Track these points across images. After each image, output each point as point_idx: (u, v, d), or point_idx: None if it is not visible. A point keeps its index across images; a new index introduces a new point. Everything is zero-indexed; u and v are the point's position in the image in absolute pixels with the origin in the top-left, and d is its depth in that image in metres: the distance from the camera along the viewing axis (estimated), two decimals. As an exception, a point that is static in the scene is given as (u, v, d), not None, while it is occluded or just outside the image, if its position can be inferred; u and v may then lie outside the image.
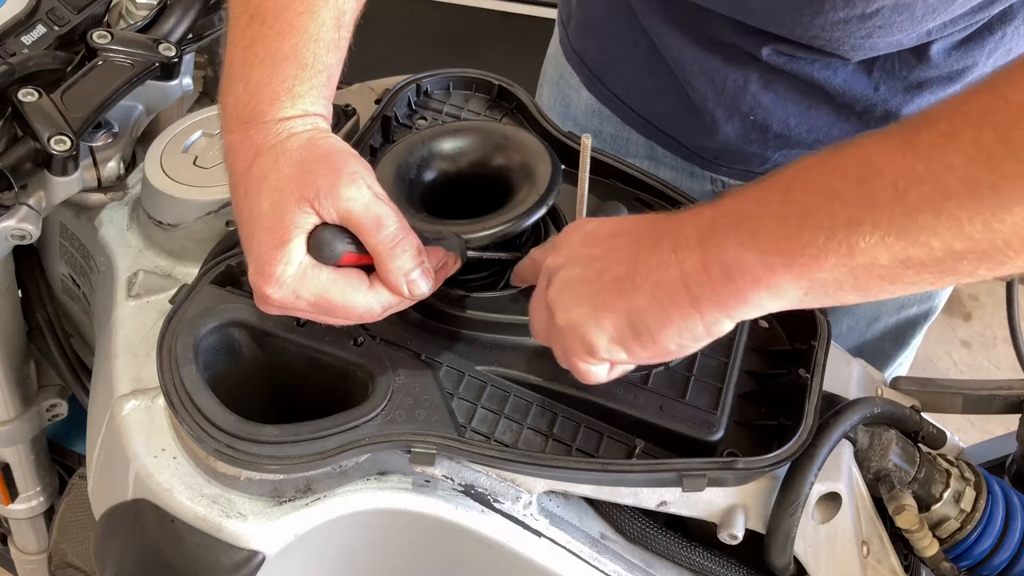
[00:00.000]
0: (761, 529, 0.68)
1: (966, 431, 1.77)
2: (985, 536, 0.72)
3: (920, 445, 0.76)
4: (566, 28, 1.06)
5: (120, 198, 0.85)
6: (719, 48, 0.87)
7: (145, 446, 0.67)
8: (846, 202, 0.46)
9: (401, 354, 0.68)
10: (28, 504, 1.05)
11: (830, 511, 0.70)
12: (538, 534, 0.67)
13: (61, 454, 1.07)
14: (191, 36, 0.86)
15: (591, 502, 0.71)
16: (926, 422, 0.77)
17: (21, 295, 0.92)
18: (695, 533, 0.72)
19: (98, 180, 0.84)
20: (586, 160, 0.69)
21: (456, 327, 0.70)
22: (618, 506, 0.70)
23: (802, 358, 0.71)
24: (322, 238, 0.59)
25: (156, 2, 0.86)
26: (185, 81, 0.86)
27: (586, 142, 0.68)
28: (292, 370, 0.69)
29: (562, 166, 0.75)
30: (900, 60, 0.83)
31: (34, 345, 0.95)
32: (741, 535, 0.67)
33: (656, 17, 0.90)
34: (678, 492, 0.67)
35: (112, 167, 0.84)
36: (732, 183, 1.00)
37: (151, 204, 0.80)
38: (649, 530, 0.71)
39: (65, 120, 0.73)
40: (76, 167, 0.75)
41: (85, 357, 0.94)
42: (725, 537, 0.67)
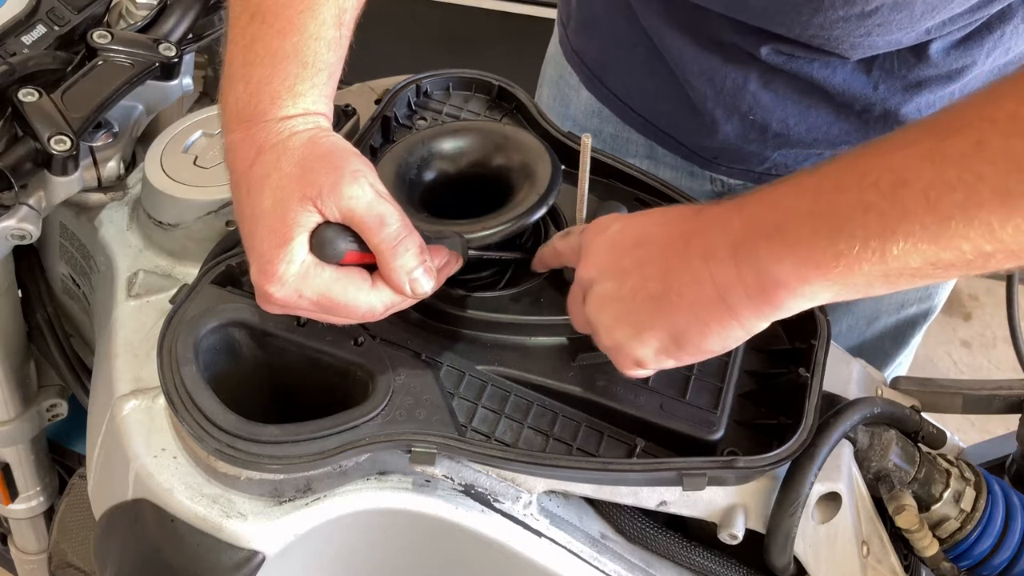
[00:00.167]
0: (761, 529, 0.68)
1: (966, 431, 1.77)
2: (985, 536, 0.72)
3: (920, 445, 0.76)
4: (566, 28, 1.06)
5: (120, 198, 0.85)
6: (718, 48, 0.87)
7: (145, 446, 0.67)
8: (879, 212, 0.47)
9: (401, 354, 0.68)
10: (28, 504, 1.05)
11: (830, 511, 0.70)
12: (538, 534, 0.67)
13: (61, 454, 1.07)
14: (191, 36, 0.86)
15: (591, 502, 0.71)
16: (926, 422, 0.77)
17: (21, 295, 0.92)
18: (695, 533, 0.72)
19: (98, 180, 0.84)
20: (586, 160, 0.69)
21: (457, 327, 0.70)
22: (618, 506, 0.70)
23: (802, 358, 0.71)
24: (324, 237, 0.59)
25: (156, 2, 0.86)
26: (185, 81, 0.86)
27: (586, 142, 0.68)
28: (292, 370, 0.69)
29: (562, 166, 0.75)
30: (899, 59, 0.83)
31: (34, 345, 0.95)
32: (741, 535, 0.67)
33: (656, 17, 0.90)
34: (678, 492, 0.67)
35: (112, 167, 0.84)
36: (731, 182, 1.00)
37: (151, 204, 0.79)
38: (649, 530, 0.71)
39: (65, 120, 0.73)
40: (76, 167, 0.75)
41: (85, 357, 0.94)
42: (725, 537, 0.67)
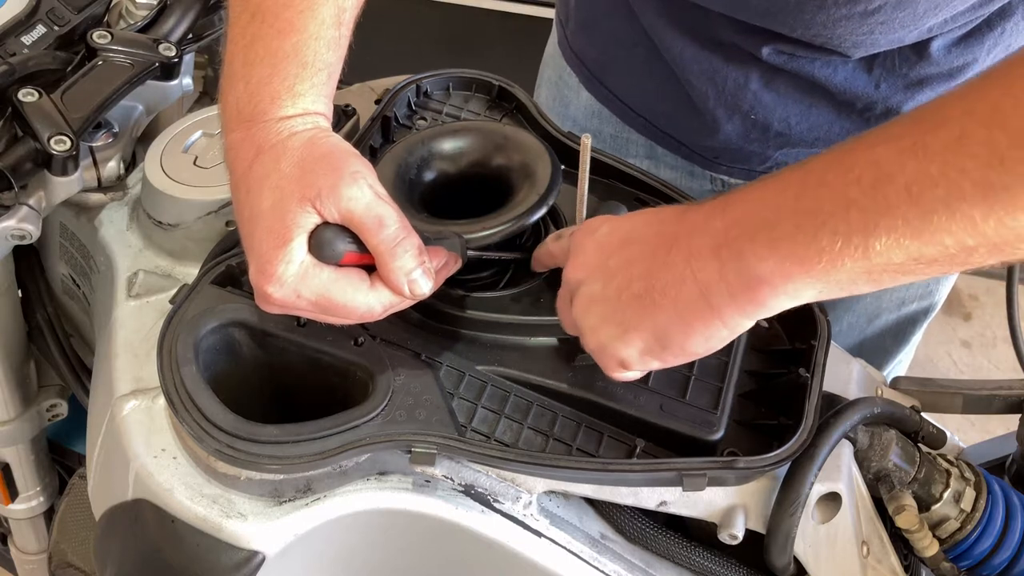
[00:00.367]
0: (761, 529, 0.68)
1: (966, 431, 1.77)
2: (985, 536, 0.72)
3: (920, 445, 0.76)
4: (564, 29, 1.06)
5: (120, 198, 0.85)
6: (719, 48, 0.87)
7: (145, 446, 0.67)
8: (861, 208, 0.47)
9: (401, 354, 0.68)
10: (28, 504, 1.05)
11: (830, 511, 0.70)
12: (538, 534, 0.67)
13: (61, 454, 1.07)
14: (191, 36, 0.86)
15: (591, 502, 0.71)
16: (926, 422, 0.77)
17: (21, 295, 0.92)
18: (695, 533, 0.72)
19: (98, 180, 0.84)
20: (586, 160, 0.69)
21: (456, 327, 0.70)
22: (618, 506, 0.70)
23: (802, 358, 0.71)
24: (323, 237, 0.59)
25: (156, 2, 0.86)
26: (185, 81, 0.86)
27: (586, 142, 0.68)
28: (292, 370, 0.69)
29: (562, 166, 0.75)
30: (900, 57, 0.83)
31: (34, 345, 0.95)
32: (741, 535, 0.67)
33: (656, 17, 0.90)
34: (678, 492, 0.67)
35: (112, 167, 0.84)
36: (732, 182, 1.00)
37: (151, 204, 0.79)
38: (649, 530, 0.71)
39: (65, 120, 0.73)
40: (76, 167, 0.75)
41: (85, 357, 0.94)
42: (725, 537, 0.67)
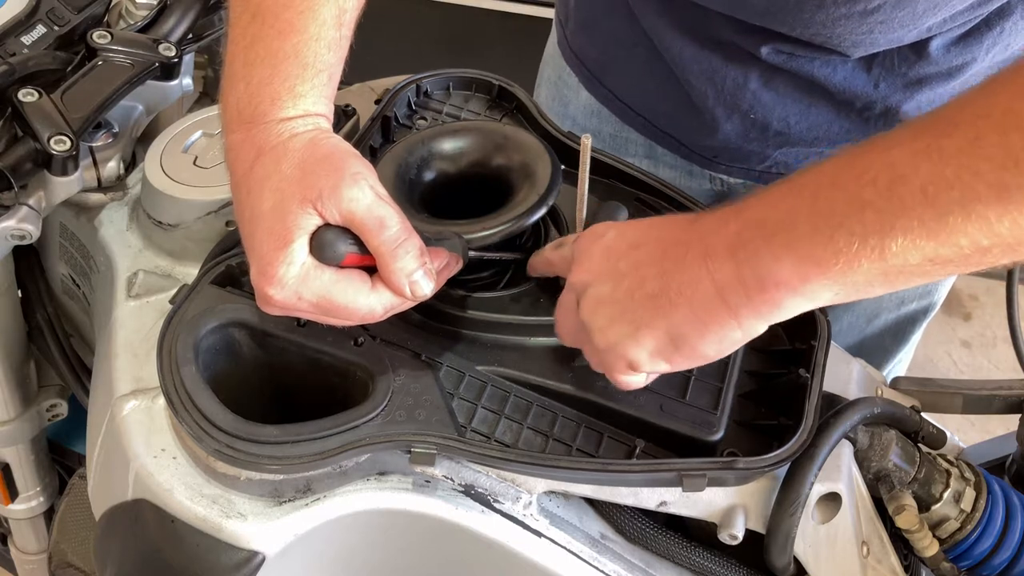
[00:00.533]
0: (761, 529, 0.68)
1: (966, 431, 1.77)
2: (985, 536, 0.72)
3: (920, 445, 0.76)
4: (564, 28, 1.06)
5: (120, 198, 0.85)
6: (719, 47, 0.87)
7: (145, 446, 0.67)
8: (877, 209, 0.47)
9: (401, 354, 0.68)
10: (28, 504, 1.05)
11: (830, 511, 0.70)
12: (538, 534, 0.67)
13: (61, 454, 1.07)
14: (191, 36, 0.86)
15: (591, 502, 0.71)
16: (926, 422, 0.77)
17: (21, 295, 0.92)
18: (695, 533, 0.72)
19: (98, 180, 0.84)
20: (586, 160, 0.69)
21: (456, 327, 0.70)
22: (618, 506, 0.70)
23: (802, 358, 0.71)
24: (324, 239, 0.59)
25: (156, 2, 0.86)
26: (185, 81, 0.86)
27: (586, 142, 0.68)
28: (292, 370, 0.69)
29: (562, 166, 0.75)
30: (899, 56, 0.84)
31: (34, 345, 0.95)
32: (741, 535, 0.67)
33: (655, 17, 0.90)
34: (678, 492, 0.67)
35: (112, 167, 0.84)
36: (731, 181, 1.00)
37: (151, 204, 0.79)
38: (649, 530, 0.71)
39: (65, 120, 0.73)
40: (76, 167, 0.75)
41: (85, 357, 0.94)
42: (725, 537, 0.67)
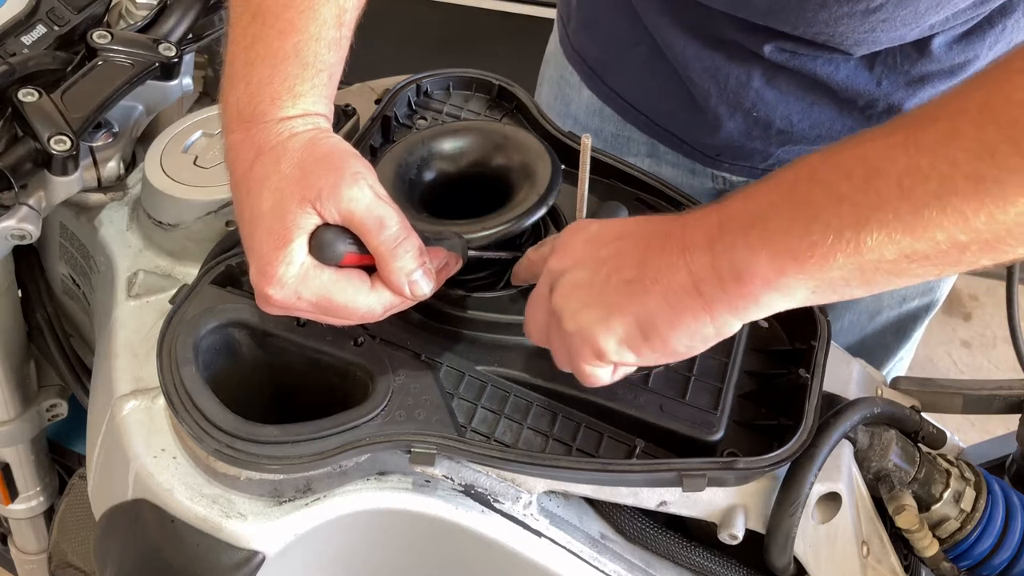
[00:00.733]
0: (761, 529, 0.68)
1: (966, 431, 1.77)
2: (985, 536, 0.72)
3: (920, 445, 0.76)
4: (566, 27, 1.06)
5: (120, 198, 0.85)
6: (721, 46, 0.87)
7: (145, 446, 0.67)
8: (853, 202, 0.47)
9: (401, 354, 0.68)
10: (28, 504, 1.05)
11: (830, 511, 0.70)
12: (538, 534, 0.67)
13: (61, 454, 1.07)
14: (191, 36, 0.86)
15: (591, 502, 0.71)
16: (926, 422, 0.77)
17: (21, 295, 0.92)
18: (695, 533, 0.72)
19: (98, 180, 0.84)
20: (586, 160, 0.69)
21: (456, 327, 0.70)
22: (618, 506, 0.70)
23: (802, 358, 0.71)
24: (324, 239, 0.59)
25: (156, 2, 0.86)
26: (185, 81, 0.86)
27: (586, 142, 0.68)
28: (292, 370, 0.69)
29: (562, 166, 0.75)
30: (902, 54, 0.84)
31: (34, 345, 0.95)
32: (741, 535, 0.67)
33: (658, 16, 0.90)
34: (678, 492, 0.67)
35: (112, 167, 0.84)
36: (734, 180, 1.00)
37: (151, 204, 0.79)
38: (649, 530, 0.71)
39: (65, 120, 0.73)
40: (76, 167, 0.75)
41: (85, 357, 0.94)
42: (725, 537, 0.67)
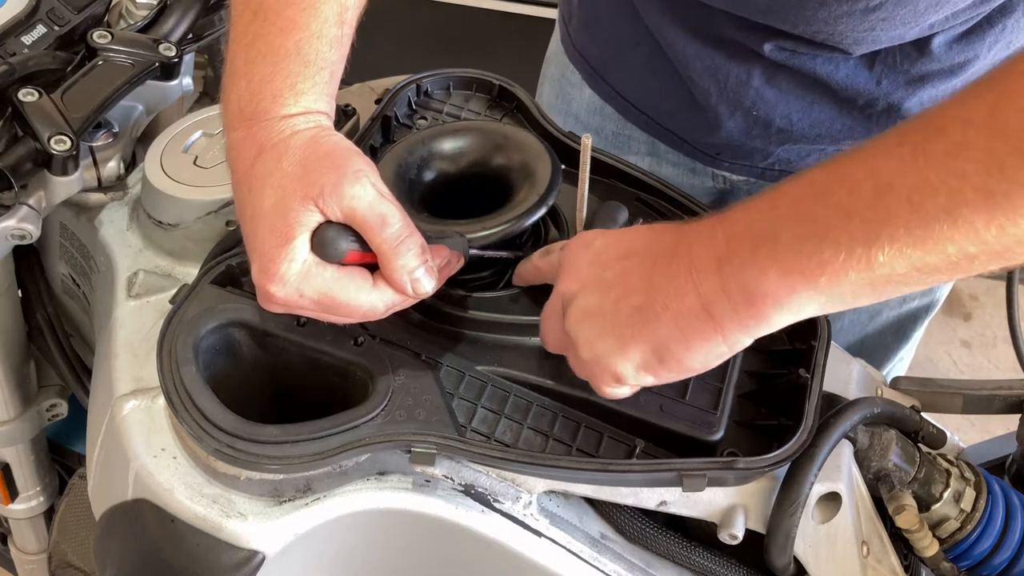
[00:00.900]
0: (761, 529, 0.68)
1: (966, 431, 1.77)
2: (985, 536, 0.72)
3: (920, 445, 0.76)
4: (567, 26, 1.06)
5: (120, 198, 0.85)
6: (722, 45, 0.87)
7: (145, 446, 0.67)
8: (863, 219, 0.47)
9: (401, 354, 0.68)
10: (28, 504, 1.05)
11: (830, 511, 0.70)
12: (538, 534, 0.67)
13: (61, 454, 1.07)
14: (191, 36, 0.86)
15: (591, 502, 0.71)
16: (926, 422, 0.77)
17: (21, 295, 0.91)
18: (695, 533, 0.72)
19: (98, 180, 0.84)
20: (586, 160, 0.69)
21: (457, 327, 0.70)
22: (618, 506, 0.70)
23: (802, 358, 0.71)
24: (326, 236, 0.59)
25: (156, 2, 0.86)
26: (185, 81, 0.86)
27: (586, 142, 0.68)
28: (292, 370, 0.69)
29: (562, 166, 0.75)
30: (902, 54, 0.84)
31: (34, 345, 0.95)
32: (741, 535, 0.67)
33: (658, 15, 0.90)
34: (678, 492, 0.67)
35: (112, 167, 0.84)
36: (734, 178, 1.00)
37: (151, 204, 0.79)
38: (649, 530, 0.71)
39: (65, 120, 0.73)
40: (76, 167, 0.75)
41: (85, 357, 0.94)
42: (725, 537, 0.67)
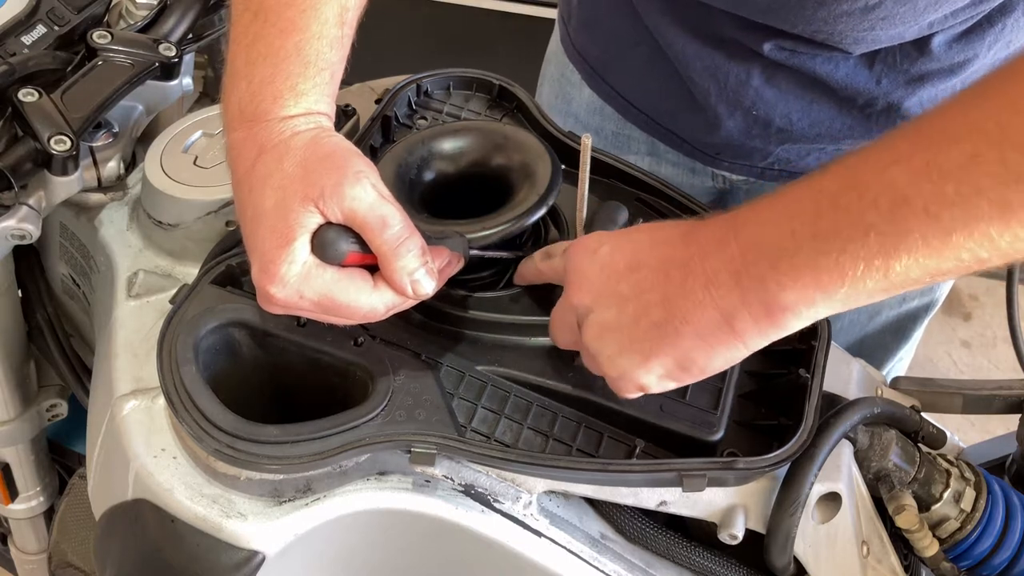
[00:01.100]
0: (761, 529, 0.68)
1: (966, 431, 1.77)
2: (985, 536, 0.72)
3: (920, 445, 0.76)
4: (567, 26, 1.06)
5: (120, 198, 0.85)
6: (721, 44, 0.87)
7: (145, 446, 0.67)
8: (880, 231, 0.48)
9: (401, 354, 0.68)
10: (28, 504, 1.05)
11: (830, 511, 0.70)
12: (538, 534, 0.67)
13: (61, 454, 1.07)
14: (191, 36, 0.86)
15: (591, 502, 0.71)
16: (926, 422, 0.77)
17: (21, 295, 0.91)
18: (695, 533, 0.72)
19: (98, 180, 0.84)
20: (586, 160, 0.69)
21: (456, 327, 0.70)
22: (618, 506, 0.70)
23: (802, 358, 0.71)
24: (326, 238, 0.59)
25: (156, 2, 0.86)
26: (185, 81, 0.86)
27: (586, 142, 0.68)
28: (292, 370, 0.69)
29: (562, 166, 0.75)
30: (901, 53, 0.84)
31: (34, 345, 0.95)
32: (741, 535, 0.67)
33: (658, 15, 0.90)
34: (678, 492, 0.67)
35: (112, 167, 0.84)
36: (733, 178, 1.00)
37: (151, 204, 0.79)
38: (649, 530, 0.71)
39: (65, 120, 0.73)
40: (76, 167, 0.75)
41: (85, 357, 0.94)
42: (725, 537, 0.67)
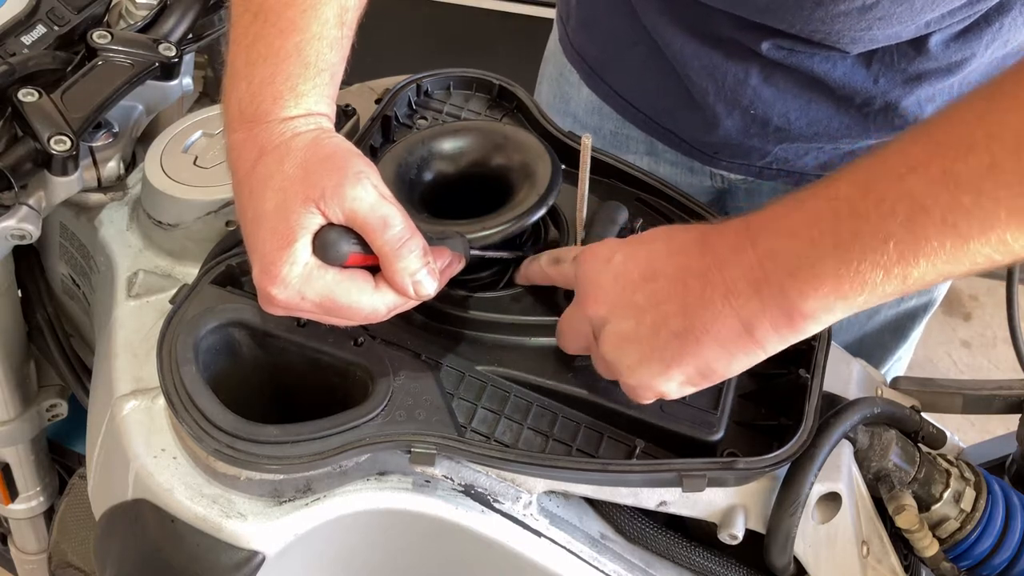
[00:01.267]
0: (761, 529, 0.68)
1: (966, 431, 1.77)
2: (985, 536, 0.72)
3: (920, 445, 0.76)
4: (565, 26, 1.07)
5: (120, 198, 0.85)
6: (719, 44, 0.87)
7: (145, 446, 0.67)
8: (900, 240, 0.49)
9: (401, 354, 0.68)
10: (28, 504, 1.05)
11: (830, 511, 0.70)
12: (538, 534, 0.67)
13: (61, 454, 1.07)
14: (191, 36, 0.86)
15: (591, 502, 0.71)
16: (926, 422, 0.77)
17: (21, 295, 0.92)
18: (695, 533, 0.72)
19: (98, 180, 0.84)
20: (586, 160, 0.69)
21: (456, 327, 0.70)
22: (618, 506, 0.70)
23: (802, 358, 0.71)
24: (328, 239, 0.59)
25: (156, 2, 0.86)
26: (185, 81, 0.86)
27: (586, 142, 0.68)
28: (292, 370, 0.69)
29: (562, 166, 0.75)
30: (899, 52, 0.84)
31: (34, 345, 0.95)
32: (741, 535, 0.67)
33: (656, 15, 0.91)
34: (678, 492, 0.67)
35: (112, 167, 0.84)
36: (732, 177, 1.00)
37: (151, 204, 0.79)
38: (649, 530, 0.71)
39: (65, 120, 0.73)
40: (76, 167, 0.75)
41: (85, 357, 0.94)
42: (725, 537, 0.67)
